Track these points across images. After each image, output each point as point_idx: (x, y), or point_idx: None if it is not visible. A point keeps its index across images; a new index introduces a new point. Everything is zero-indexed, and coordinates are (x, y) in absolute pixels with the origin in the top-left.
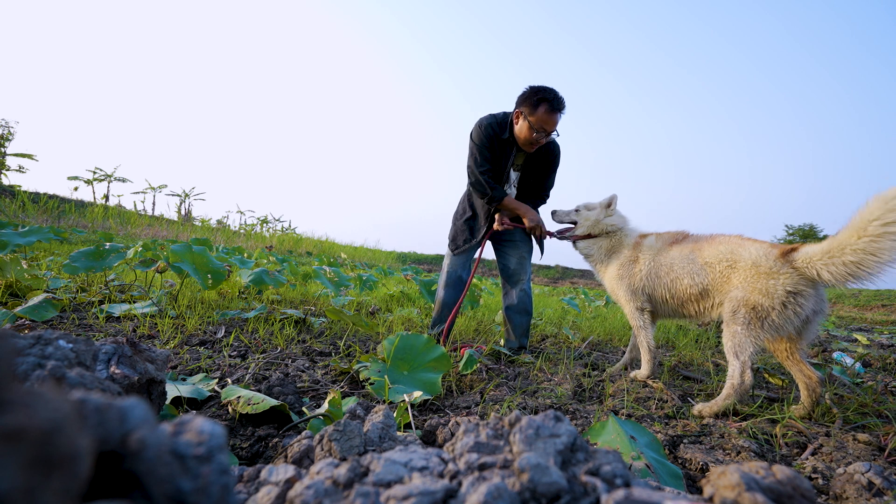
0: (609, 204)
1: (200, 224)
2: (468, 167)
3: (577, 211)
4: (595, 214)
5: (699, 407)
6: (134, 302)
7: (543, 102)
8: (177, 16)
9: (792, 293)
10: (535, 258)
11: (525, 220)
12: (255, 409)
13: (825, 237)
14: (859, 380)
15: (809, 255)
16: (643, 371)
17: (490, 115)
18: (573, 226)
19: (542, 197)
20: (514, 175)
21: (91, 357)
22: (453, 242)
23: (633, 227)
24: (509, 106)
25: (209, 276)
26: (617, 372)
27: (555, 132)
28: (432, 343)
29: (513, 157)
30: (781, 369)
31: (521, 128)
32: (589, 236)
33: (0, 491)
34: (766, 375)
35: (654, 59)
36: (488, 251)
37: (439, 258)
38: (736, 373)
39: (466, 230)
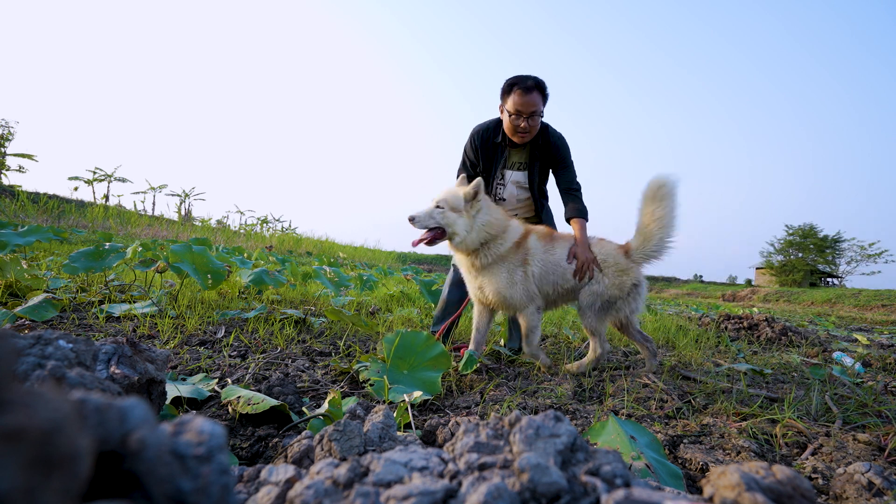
0: (475, 194)
1: (200, 224)
2: None
3: (439, 209)
4: (464, 223)
5: (568, 366)
6: (134, 302)
7: (514, 86)
8: (177, 16)
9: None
10: None
11: None
12: (255, 409)
13: (825, 236)
14: (859, 380)
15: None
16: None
17: (482, 122)
18: (441, 232)
19: (571, 192)
20: (513, 174)
21: (91, 357)
22: None
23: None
24: None
25: (209, 276)
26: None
27: (537, 115)
28: (432, 341)
29: (504, 158)
30: (781, 370)
31: (505, 121)
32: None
33: (0, 491)
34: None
35: (653, 58)
36: None
37: (439, 258)
38: (597, 346)
39: None
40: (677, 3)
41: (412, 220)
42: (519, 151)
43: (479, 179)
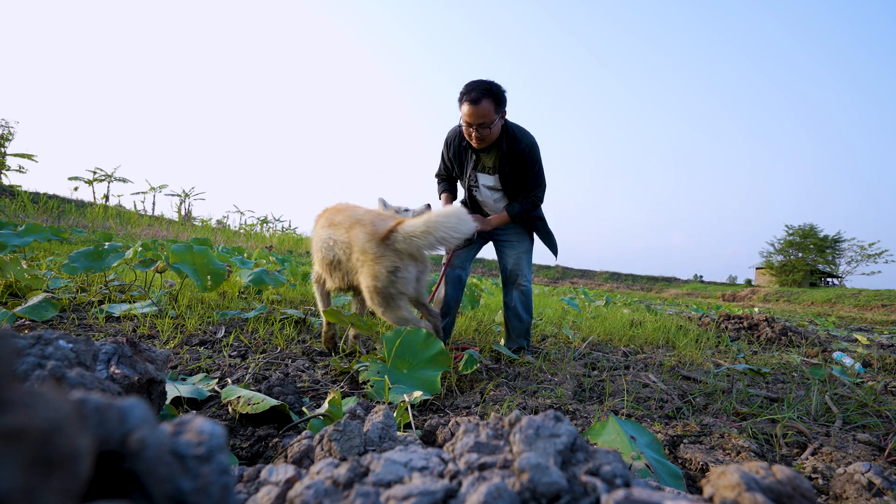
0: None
1: (201, 224)
2: None
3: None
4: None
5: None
6: (134, 302)
7: (463, 96)
8: (177, 15)
9: (392, 271)
10: (547, 259)
11: None
12: (255, 409)
13: (825, 236)
14: (859, 380)
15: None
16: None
17: (455, 125)
18: None
19: (531, 198)
20: (485, 178)
21: (91, 357)
22: None
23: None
24: (512, 108)
25: (209, 276)
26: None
27: (486, 124)
28: (432, 339)
29: (472, 161)
30: (781, 370)
31: (463, 127)
32: None
33: (0, 491)
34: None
35: (653, 58)
36: (490, 251)
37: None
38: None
39: None
40: (677, 3)
41: None
42: (490, 155)
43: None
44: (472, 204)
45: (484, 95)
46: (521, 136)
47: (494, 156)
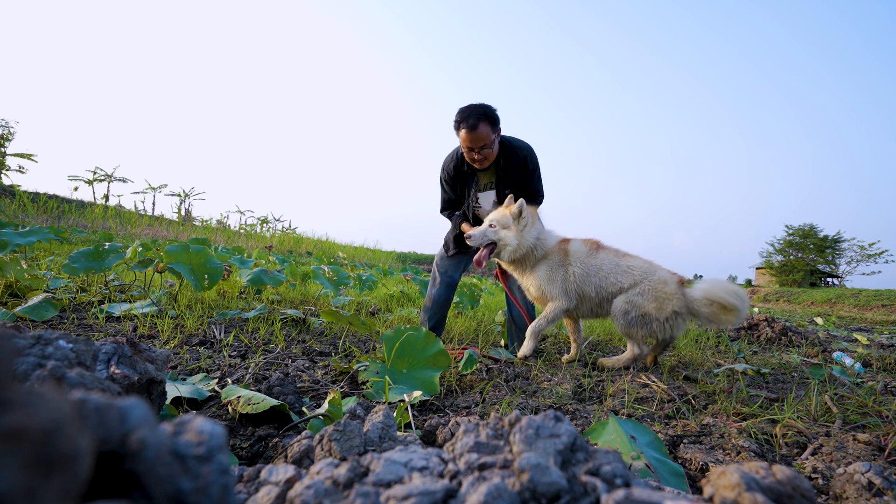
0: (520, 212)
1: (201, 224)
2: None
3: (492, 228)
4: (513, 236)
5: (603, 359)
6: (134, 302)
7: (460, 124)
8: (177, 15)
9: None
10: None
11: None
12: (255, 409)
13: (825, 236)
14: (859, 380)
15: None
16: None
17: (451, 152)
18: (494, 246)
19: (538, 198)
20: (487, 194)
21: (91, 357)
22: (448, 245)
23: (550, 233)
24: (512, 107)
25: (205, 276)
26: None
27: (486, 146)
28: (431, 338)
29: (474, 182)
30: (780, 370)
31: (463, 152)
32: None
33: (0, 491)
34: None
35: (653, 58)
36: None
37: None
38: (634, 347)
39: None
40: (677, 3)
41: (468, 237)
42: (487, 173)
43: (521, 200)
44: (474, 220)
45: (480, 120)
46: (519, 146)
47: (491, 172)
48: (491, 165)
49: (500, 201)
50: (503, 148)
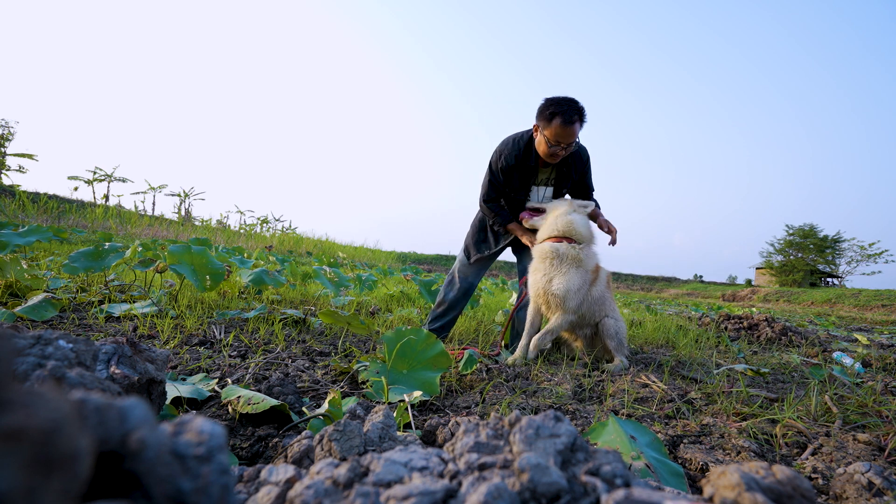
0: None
1: (201, 224)
2: (481, 189)
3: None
4: (569, 208)
5: (607, 366)
6: (134, 302)
7: (556, 116)
8: (177, 15)
9: None
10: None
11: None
12: (255, 409)
13: (825, 236)
14: (859, 380)
15: None
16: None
17: (513, 140)
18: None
19: (587, 199)
20: (544, 190)
21: (91, 357)
22: (469, 251)
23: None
24: (512, 107)
25: (208, 276)
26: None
27: (574, 143)
28: (432, 339)
29: (533, 178)
30: (780, 370)
31: (539, 142)
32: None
33: (0, 491)
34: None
35: (653, 58)
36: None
37: (439, 258)
38: (620, 359)
39: (486, 238)
40: (677, 3)
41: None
42: (547, 169)
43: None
44: (513, 212)
45: (577, 117)
46: (582, 148)
47: (552, 168)
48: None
49: (553, 196)
50: None
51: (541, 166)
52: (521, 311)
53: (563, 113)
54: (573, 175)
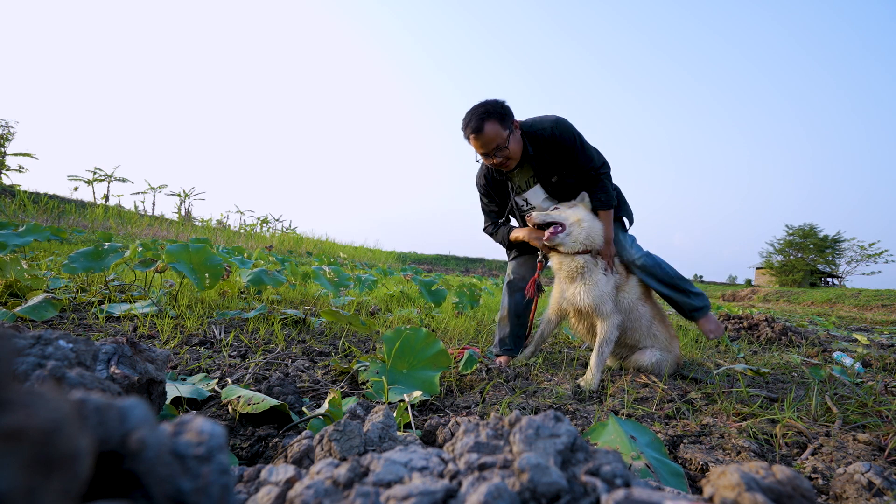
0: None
1: (201, 224)
2: None
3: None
4: (586, 213)
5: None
6: (134, 302)
7: (465, 131)
8: (177, 15)
9: None
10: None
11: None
12: (255, 409)
13: (825, 236)
14: (859, 380)
15: None
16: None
17: (480, 161)
18: (560, 227)
19: (593, 179)
20: (533, 193)
21: (91, 357)
22: (509, 248)
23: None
24: (511, 107)
25: (207, 275)
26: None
27: (501, 146)
28: (431, 339)
29: (514, 188)
30: (781, 370)
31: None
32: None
33: (0, 491)
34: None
35: (653, 58)
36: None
37: (439, 258)
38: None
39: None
40: (677, 3)
41: (530, 218)
42: (522, 171)
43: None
44: (524, 224)
45: (484, 120)
46: (541, 126)
47: (526, 167)
48: (522, 162)
49: (553, 194)
50: (525, 136)
51: (512, 173)
52: (523, 314)
53: (466, 128)
54: (548, 160)
